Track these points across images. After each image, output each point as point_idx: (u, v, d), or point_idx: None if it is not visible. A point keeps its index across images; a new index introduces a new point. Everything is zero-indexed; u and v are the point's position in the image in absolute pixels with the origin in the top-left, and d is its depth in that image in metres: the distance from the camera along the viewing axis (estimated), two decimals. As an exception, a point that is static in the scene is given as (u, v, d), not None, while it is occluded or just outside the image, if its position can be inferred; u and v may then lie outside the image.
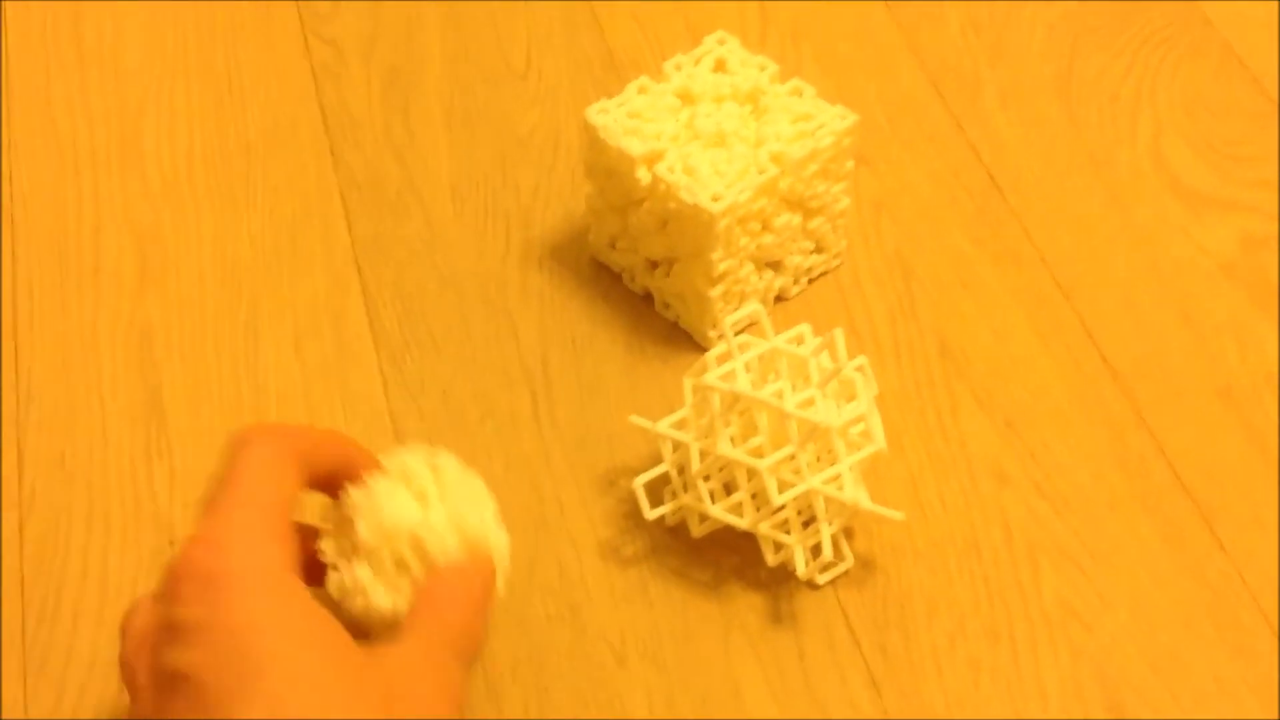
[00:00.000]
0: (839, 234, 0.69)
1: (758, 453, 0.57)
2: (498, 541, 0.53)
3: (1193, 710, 0.57)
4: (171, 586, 0.46)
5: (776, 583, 0.59)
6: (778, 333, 0.61)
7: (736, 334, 0.60)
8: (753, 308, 0.61)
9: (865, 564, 0.60)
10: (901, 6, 0.82)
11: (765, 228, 0.65)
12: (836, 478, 0.57)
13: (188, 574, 0.46)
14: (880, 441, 0.58)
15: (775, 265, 0.68)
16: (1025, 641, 0.58)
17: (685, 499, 0.59)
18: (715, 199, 0.62)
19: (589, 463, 0.63)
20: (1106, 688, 0.57)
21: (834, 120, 0.65)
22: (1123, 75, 0.78)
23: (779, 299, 0.69)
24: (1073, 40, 0.80)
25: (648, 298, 0.68)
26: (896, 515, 0.58)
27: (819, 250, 0.69)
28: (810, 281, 0.69)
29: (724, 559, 0.60)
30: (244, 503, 0.47)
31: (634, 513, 0.60)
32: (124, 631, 0.48)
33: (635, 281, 0.69)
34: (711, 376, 0.58)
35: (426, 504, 0.52)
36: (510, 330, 0.68)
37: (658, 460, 0.60)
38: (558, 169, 0.74)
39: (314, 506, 0.54)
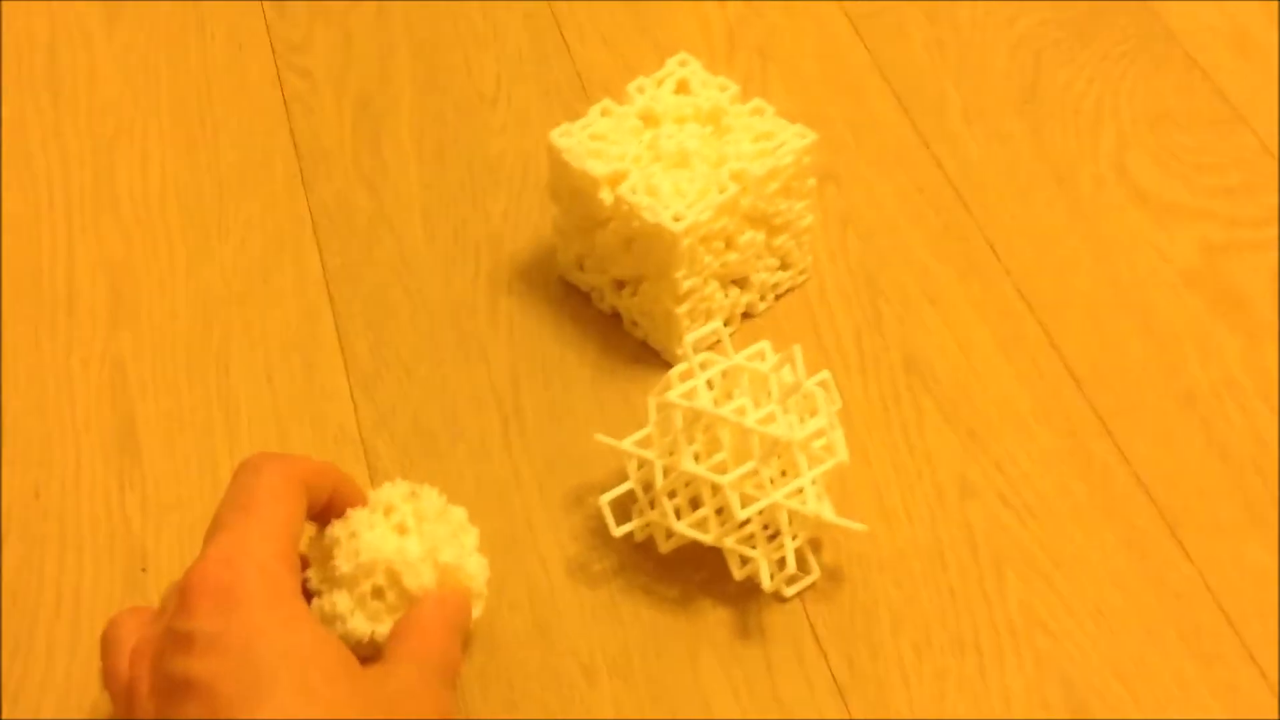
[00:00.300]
0: (804, 250, 0.70)
1: (721, 468, 0.58)
2: (475, 569, 0.56)
3: (1157, 715, 0.57)
4: (185, 599, 0.48)
5: (744, 596, 0.60)
6: (743, 349, 0.61)
7: (704, 351, 0.61)
8: (714, 325, 0.61)
9: (832, 576, 0.61)
10: (867, 27, 0.83)
11: (729, 245, 0.66)
12: (799, 491, 0.58)
13: (203, 589, 0.48)
14: (842, 454, 0.59)
15: (741, 282, 0.68)
16: (991, 650, 0.58)
17: (651, 515, 0.59)
18: (677, 218, 0.62)
19: (558, 482, 0.64)
20: (1071, 695, 0.57)
21: (794, 138, 0.66)
22: (1085, 89, 0.79)
23: (746, 315, 0.69)
24: (1036, 56, 0.81)
25: (616, 317, 0.69)
26: (859, 527, 0.58)
27: (784, 267, 0.70)
28: (777, 298, 0.70)
29: (692, 574, 0.60)
30: (257, 526, 0.50)
31: (602, 530, 0.60)
32: (112, 644, 0.50)
33: (603, 301, 0.69)
34: (674, 394, 0.58)
35: (404, 535, 0.55)
36: (480, 353, 0.69)
37: (625, 478, 0.60)
38: (527, 193, 0.75)
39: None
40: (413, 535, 0.55)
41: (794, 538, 0.58)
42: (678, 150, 0.65)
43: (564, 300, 0.70)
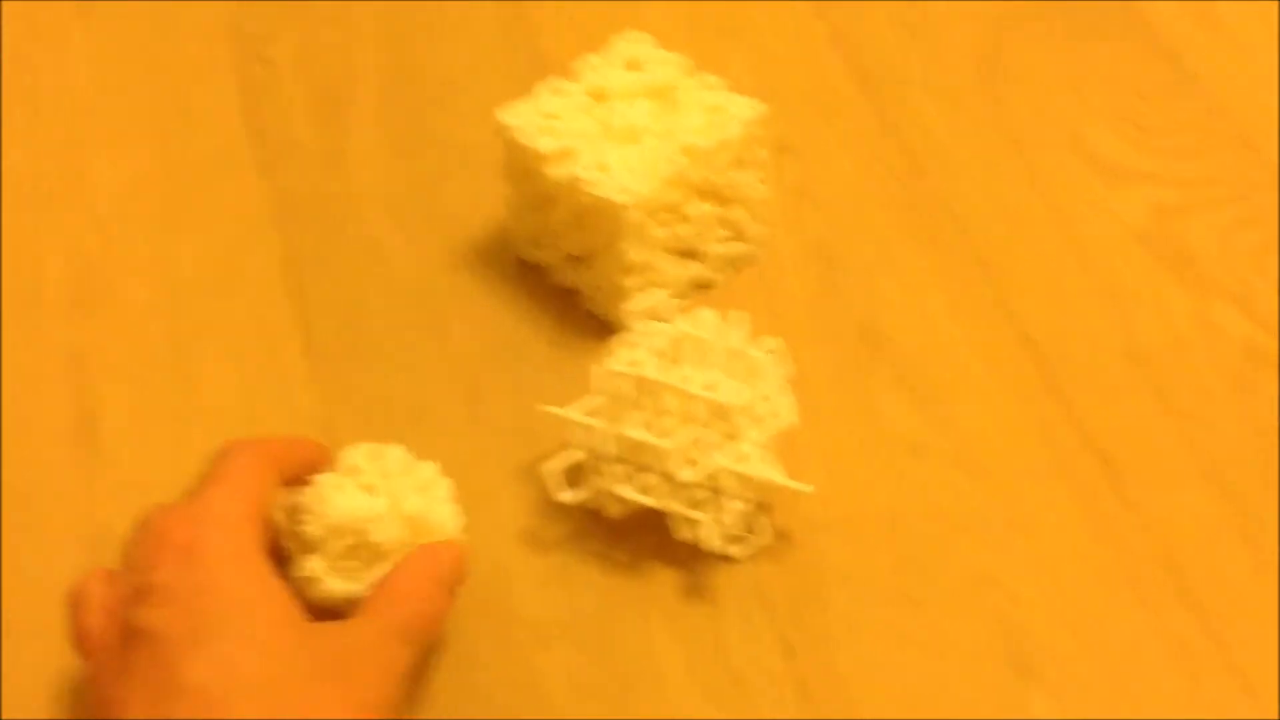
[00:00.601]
0: (760, 222, 0.71)
1: (668, 434, 0.59)
2: (444, 517, 0.57)
3: (1103, 665, 0.58)
4: (152, 554, 0.51)
5: (695, 560, 0.60)
6: (693, 319, 0.62)
7: (652, 320, 0.62)
8: (660, 294, 0.62)
9: (783, 538, 0.61)
10: (829, 3, 0.83)
11: (679, 218, 0.67)
12: (745, 455, 0.58)
13: (169, 544, 0.51)
14: (790, 418, 0.60)
15: (694, 254, 0.69)
16: (938, 607, 0.59)
17: (599, 482, 0.60)
18: (624, 192, 0.63)
19: (516, 455, 0.64)
20: (1019, 648, 0.58)
21: (744, 110, 0.67)
22: (1044, 57, 0.80)
23: (701, 287, 0.70)
24: (995, 27, 0.81)
25: (572, 292, 0.70)
26: (805, 488, 0.59)
27: (739, 238, 0.70)
28: (733, 269, 0.71)
29: (643, 539, 0.61)
30: (224, 492, 0.53)
31: (557, 500, 0.61)
32: (82, 603, 0.52)
33: (559, 277, 0.70)
34: (618, 362, 0.59)
35: (372, 494, 0.56)
36: (441, 334, 0.69)
37: (582, 448, 0.61)
38: (486, 175, 0.75)
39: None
40: (379, 493, 0.56)
41: (743, 501, 0.59)
42: (628, 126, 0.66)
43: (522, 278, 0.71)
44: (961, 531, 0.61)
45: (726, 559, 0.60)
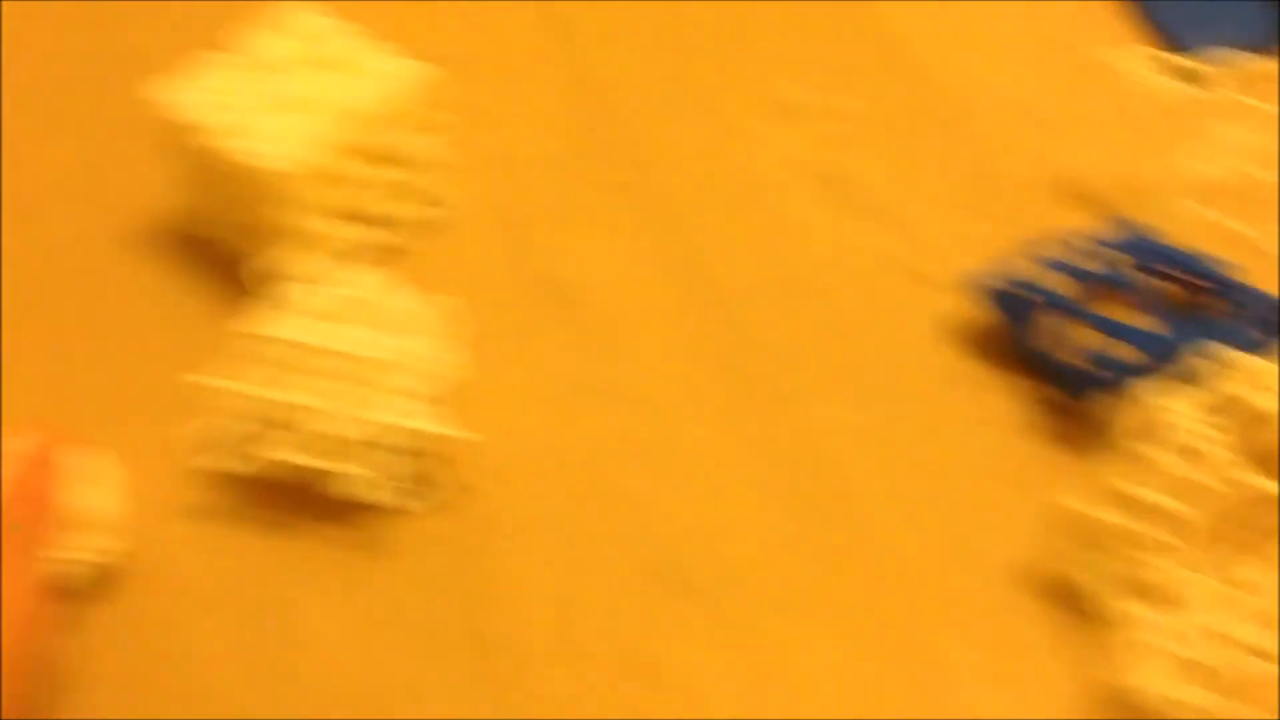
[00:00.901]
0: (441, 185, 0.71)
1: (328, 394, 0.59)
2: (93, 505, 0.57)
3: (757, 576, 0.59)
4: None
5: (366, 519, 0.60)
6: (364, 282, 0.62)
7: (311, 285, 0.61)
8: (321, 260, 0.62)
9: (459, 490, 0.61)
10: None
11: (346, 184, 0.66)
12: (409, 410, 0.59)
13: None
14: (457, 371, 0.60)
15: (371, 220, 0.69)
16: (605, 542, 0.60)
17: (259, 448, 0.60)
18: (277, 159, 0.63)
19: (183, 430, 0.63)
20: (680, 568, 0.60)
21: (412, 74, 0.67)
22: (729, 7, 0.81)
23: (387, 252, 0.70)
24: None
25: (242, 264, 0.69)
26: (473, 437, 0.59)
27: (419, 202, 0.70)
28: (421, 234, 0.71)
29: (308, 502, 0.60)
30: None
31: (220, 470, 0.61)
32: None
33: (229, 250, 0.69)
34: (268, 326, 0.59)
35: None
36: (115, 313, 0.68)
37: (241, 415, 0.60)
38: (158, 152, 0.74)
39: None
40: None
41: (412, 455, 0.59)
42: (291, 95, 0.66)
43: (199, 255, 0.70)
44: (630, 466, 0.62)
45: (400, 515, 0.60)
